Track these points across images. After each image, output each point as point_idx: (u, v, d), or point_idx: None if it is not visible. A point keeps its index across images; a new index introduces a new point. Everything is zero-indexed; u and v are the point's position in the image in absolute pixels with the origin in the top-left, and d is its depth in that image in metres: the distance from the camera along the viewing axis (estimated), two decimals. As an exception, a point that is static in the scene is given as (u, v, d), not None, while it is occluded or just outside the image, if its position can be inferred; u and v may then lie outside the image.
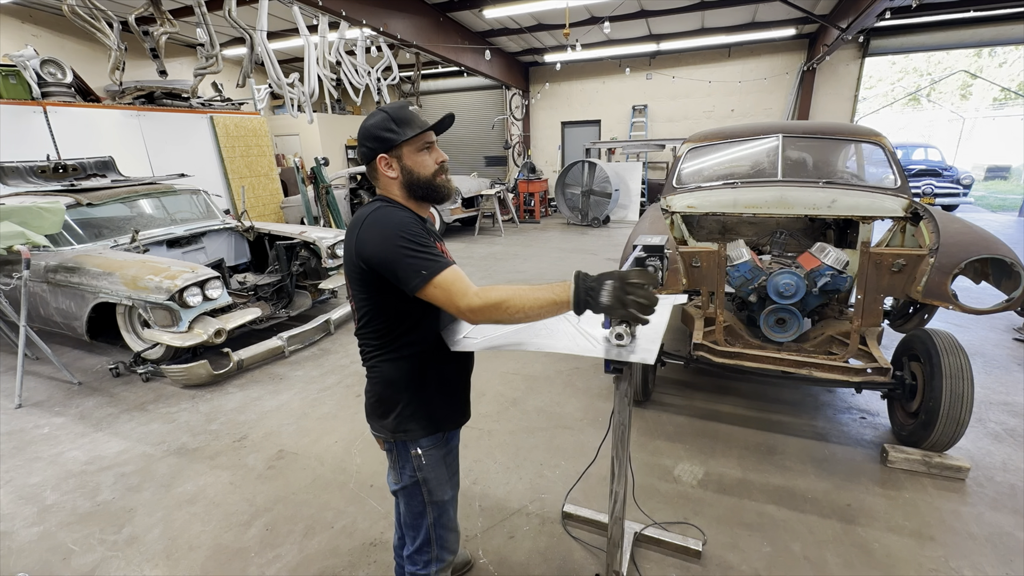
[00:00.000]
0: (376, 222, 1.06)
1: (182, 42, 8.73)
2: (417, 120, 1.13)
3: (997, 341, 3.65)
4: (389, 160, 1.12)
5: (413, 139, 1.11)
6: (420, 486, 1.25)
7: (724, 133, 3.38)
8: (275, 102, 11.44)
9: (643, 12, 7.90)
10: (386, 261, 1.02)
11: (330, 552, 1.93)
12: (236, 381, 3.45)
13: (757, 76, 9.93)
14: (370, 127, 1.12)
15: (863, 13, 5.88)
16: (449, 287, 1.00)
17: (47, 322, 3.73)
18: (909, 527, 1.96)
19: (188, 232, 4.33)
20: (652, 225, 2.72)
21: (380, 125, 1.11)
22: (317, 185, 5.89)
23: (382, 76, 6.63)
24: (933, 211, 2.46)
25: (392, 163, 1.13)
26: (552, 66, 10.55)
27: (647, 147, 9.80)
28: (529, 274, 6.03)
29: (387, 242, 1.02)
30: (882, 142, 2.98)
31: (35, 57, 5.35)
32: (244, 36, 4.33)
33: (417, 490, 1.26)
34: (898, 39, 8.99)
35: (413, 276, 1.00)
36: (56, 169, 4.46)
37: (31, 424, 2.95)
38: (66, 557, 1.95)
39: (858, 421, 2.70)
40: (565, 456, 2.49)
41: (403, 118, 1.11)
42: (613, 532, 1.52)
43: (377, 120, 1.11)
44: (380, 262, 1.03)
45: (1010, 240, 3.77)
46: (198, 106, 6.88)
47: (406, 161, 1.13)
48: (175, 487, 2.35)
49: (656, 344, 1.14)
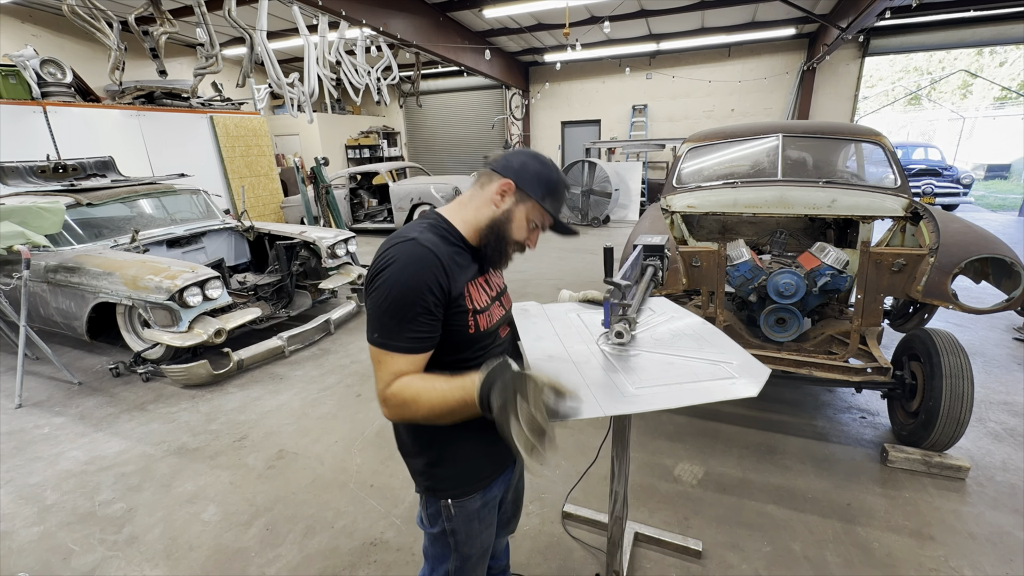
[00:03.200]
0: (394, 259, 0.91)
1: (182, 42, 8.73)
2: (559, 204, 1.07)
3: (997, 341, 3.65)
4: (509, 192, 1.02)
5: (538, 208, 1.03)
6: (447, 536, 1.13)
7: (724, 133, 3.38)
8: (275, 102, 11.43)
9: (643, 12, 7.90)
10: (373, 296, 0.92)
11: (330, 552, 1.94)
12: (236, 381, 3.45)
13: (757, 76, 9.93)
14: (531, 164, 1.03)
15: (863, 13, 5.87)
16: (383, 368, 0.91)
17: (47, 322, 3.73)
18: (909, 527, 1.96)
19: (188, 232, 4.33)
20: (652, 225, 2.72)
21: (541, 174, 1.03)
22: (317, 185, 5.89)
23: (382, 76, 6.62)
24: (933, 211, 2.46)
25: (507, 197, 1.02)
26: (552, 66, 10.55)
27: (647, 147, 9.80)
28: (529, 274, 6.03)
29: (381, 285, 0.91)
30: (882, 141, 2.98)
31: (35, 57, 5.35)
32: (244, 36, 4.33)
33: (444, 539, 1.15)
34: (898, 39, 8.99)
35: (372, 330, 0.93)
36: (56, 169, 4.46)
37: (31, 424, 2.95)
38: (66, 557, 1.95)
39: (858, 421, 2.70)
40: (565, 456, 2.49)
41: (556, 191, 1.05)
42: (613, 532, 1.52)
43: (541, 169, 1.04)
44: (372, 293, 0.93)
45: (1010, 240, 3.77)
46: (198, 106, 6.88)
47: (515, 211, 1.03)
48: (175, 487, 2.35)
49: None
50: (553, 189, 1.04)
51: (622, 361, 1.05)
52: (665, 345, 1.11)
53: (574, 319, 1.31)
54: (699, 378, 0.95)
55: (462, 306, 0.98)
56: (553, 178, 1.04)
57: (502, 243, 1.04)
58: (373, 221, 9.16)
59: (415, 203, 8.30)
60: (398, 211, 8.51)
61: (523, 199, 1.02)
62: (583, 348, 1.13)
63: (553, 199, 1.05)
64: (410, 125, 13.81)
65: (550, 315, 1.33)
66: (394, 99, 11.05)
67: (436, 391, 0.88)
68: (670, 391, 0.91)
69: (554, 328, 1.25)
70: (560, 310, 1.38)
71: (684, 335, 1.17)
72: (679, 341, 1.13)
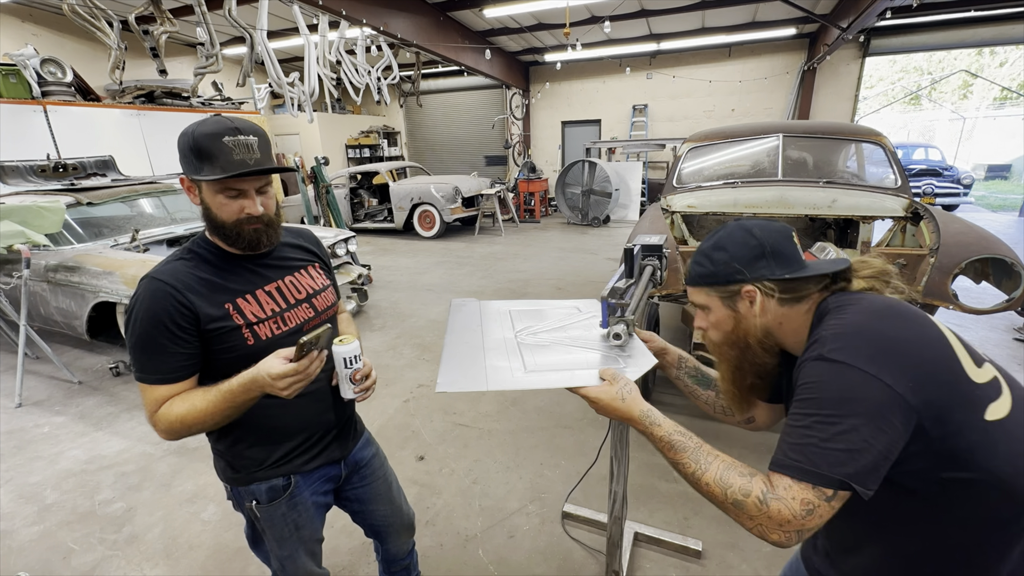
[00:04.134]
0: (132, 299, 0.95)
1: (182, 41, 8.73)
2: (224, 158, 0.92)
3: (997, 341, 3.65)
4: (190, 185, 0.98)
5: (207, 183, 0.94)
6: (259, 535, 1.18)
7: (724, 133, 3.38)
8: (275, 101, 11.42)
9: (643, 12, 7.90)
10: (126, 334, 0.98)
11: (330, 551, 1.93)
12: (236, 380, 3.45)
13: (757, 76, 9.92)
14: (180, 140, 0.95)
15: (864, 13, 5.87)
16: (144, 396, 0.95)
17: (47, 321, 3.73)
18: (909, 527, 1.96)
19: (188, 231, 4.33)
20: (652, 224, 2.72)
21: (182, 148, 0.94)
22: (317, 184, 5.89)
23: (382, 75, 6.62)
24: (933, 211, 2.46)
25: (193, 189, 0.98)
26: (552, 65, 10.54)
27: (647, 147, 9.79)
28: (529, 274, 6.03)
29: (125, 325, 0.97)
30: (882, 142, 2.98)
31: (35, 56, 5.35)
32: (244, 35, 4.33)
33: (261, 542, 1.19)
34: (898, 39, 8.98)
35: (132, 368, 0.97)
36: (56, 168, 4.46)
37: (31, 423, 2.95)
38: (66, 556, 1.95)
39: (858, 421, 2.70)
40: (565, 456, 2.49)
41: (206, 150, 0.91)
42: (613, 532, 1.52)
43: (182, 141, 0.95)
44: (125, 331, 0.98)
45: (1010, 240, 3.74)
46: (198, 105, 6.88)
47: (205, 196, 0.96)
48: (175, 486, 2.35)
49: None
50: (200, 151, 0.91)
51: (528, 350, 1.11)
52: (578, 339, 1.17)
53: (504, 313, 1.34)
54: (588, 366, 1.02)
55: (227, 323, 0.97)
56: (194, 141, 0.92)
57: (223, 229, 0.98)
58: (373, 221, 9.16)
59: (415, 203, 8.30)
60: (398, 211, 8.51)
61: (195, 185, 0.96)
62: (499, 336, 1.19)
63: (211, 160, 0.91)
64: (410, 125, 13.81)
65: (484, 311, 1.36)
66: (394, 99, 11.05)
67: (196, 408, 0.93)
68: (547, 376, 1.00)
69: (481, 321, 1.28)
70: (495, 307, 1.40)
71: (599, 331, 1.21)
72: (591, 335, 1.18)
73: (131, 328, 0.94)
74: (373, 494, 1.31)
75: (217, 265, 1.01)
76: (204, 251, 1.02)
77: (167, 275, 0.95)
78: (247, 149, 0.93)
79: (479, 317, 1.32)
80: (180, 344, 0.94)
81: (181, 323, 0.93)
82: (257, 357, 0.94)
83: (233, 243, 1.00)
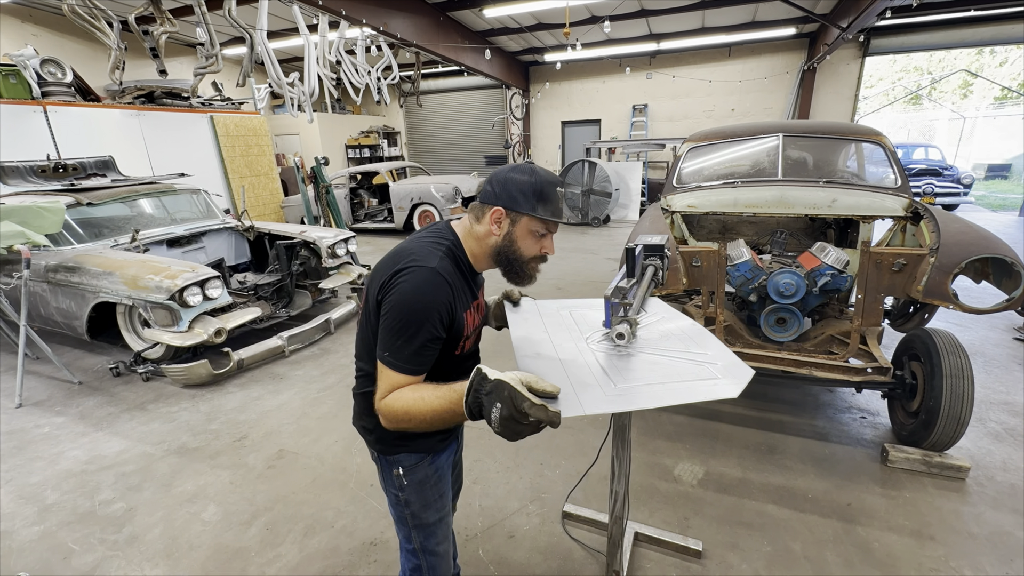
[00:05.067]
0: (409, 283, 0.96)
1: (182, 41, 8.73)
2: (555, 205, 1.06)
3: (997, 341, 3.65)
4: (503, 217, 1.05)
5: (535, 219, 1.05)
6: (403, 507, 1.19)
7: (724, 132, 3.38)
8: (275, 101, 11.43)
9: (643, 11, 7.90)
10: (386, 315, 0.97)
11: (330, 552, 1.94)
12: (236, 381, 3.45)
13: (757, 75, 9.92)
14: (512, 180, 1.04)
15: (863, 12, 5.87)
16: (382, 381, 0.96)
17: (47, 322, 3.73)
18: (909, 527, 1.96)
19: (188, 232, 4.33)
20: (652, 224, 2.72)
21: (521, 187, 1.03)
22: (317, 185, 5.89)
23: (382, 75, 6.62)
24: (933, 210, 2.46)
25: (503, 222, 1.05)
26: (552, 65, 10.54)
27: (647, 147, 9.79)
28: (529, 274, 6.03)
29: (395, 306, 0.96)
30: (882, 141, 2.98)
31: (35, 56, 5.35)
32: (244, 35, 4.33)
33: (401, 510, 1.20)
34: (898, 38, 8.98)
35: (381, 348, 0.97)
36: (56, 169, 4.46)
37: (31, 424, 2.95)
38: (66, 556, 1.95)
39: (858, 421, 2.70)
40: (565, 455, 2.49)
41: (546, 196, 1.04)
42: (613, 532, 1.52)
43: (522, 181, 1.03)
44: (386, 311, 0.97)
45: (1010, 240, 3.75)
46: (198, 105, 6.87)
47: (515, 232, 1.06)
48: (175, 486, 2.35)
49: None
50: (542, 194, 1.04)
51: (609, 360, 1.05)
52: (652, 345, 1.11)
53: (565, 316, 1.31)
54: (683, 378, 0.96)
55: (460, 332, 1.06)
56: (538, 184, 1.04)
57: (517, 264, 1.08)
58: (373, 221, 9.16)
59: (415, 203, 8.29)
60: (398, 211, 8.50)
61: (517, 218, 1.05)
62: (571, 346, 1.13)
63: (545, 204, 1.04)
64: (410, 125, 13.81)
65: (542, 312, 1.33)
66: (394, 99, 11.05)
67: (425, 403, 0.91)
68: (652, 390, 0.92)
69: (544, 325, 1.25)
70: (552, 307, 1.38)
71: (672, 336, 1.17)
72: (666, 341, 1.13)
73: (401, 311, 0.95)
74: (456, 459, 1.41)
75: (463, 274, 1.08)
76: (458, 257, 1.08)
77: (447, 272, 1.00)
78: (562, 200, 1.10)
79: (541, 319, 1.28)
80: (438, 341, 0.99)
81: (445, 322, 0.99)
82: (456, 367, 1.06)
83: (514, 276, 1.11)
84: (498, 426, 0.80)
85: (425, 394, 0.92)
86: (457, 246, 1.08)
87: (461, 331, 1.06)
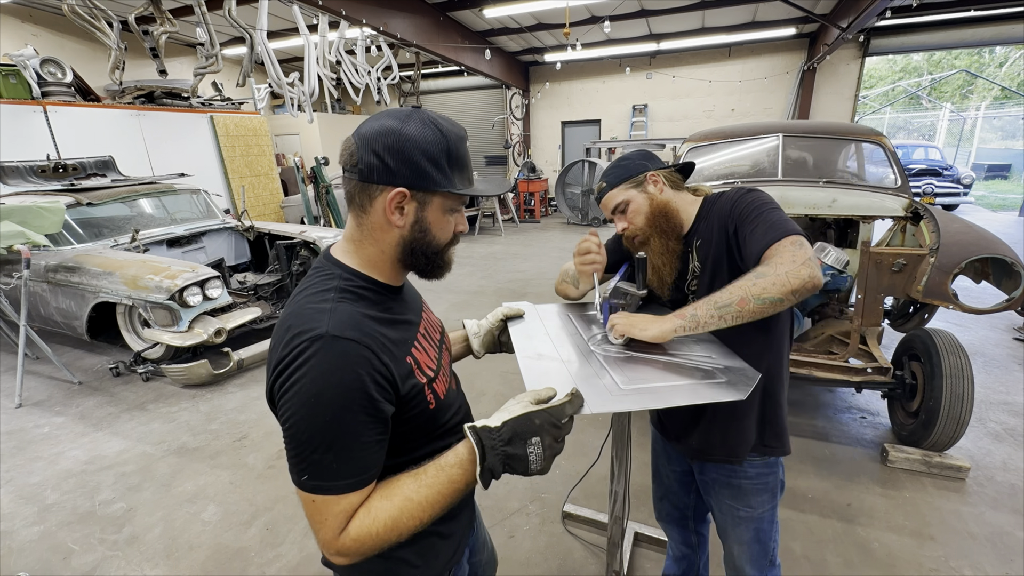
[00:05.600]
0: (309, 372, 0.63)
1: (182, 41, 8.73)
2: (466, 167, 0.76)
3: (997, 341, 3.65)
4: (407, 201, 0.71)
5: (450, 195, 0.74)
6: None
7: (724, 133, 3.38)
8: (275, 101, 11.43)
9: (643, 12, 7.90)
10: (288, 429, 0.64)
11: (330, 552, 1.93)
12: (236, 380, 3.45)
13: (757, 75, 9.92)
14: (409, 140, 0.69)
15: (863, 12, 5.87)
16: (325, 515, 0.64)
17: (47, 322, 3.73)
18: (909, 527, 1.96)
19: (188, 232, 4.33)
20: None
21: (428, 151, 0.70)
22: (317, 185, 5.89)
23: (382, 75, 6.62)
24: (933, 210, 2.46)
25: (407, 206, 0.72)
26: (552, 65, 10.54)
27: (647, 147, 9.80)
28: (530, 274, 6.03)
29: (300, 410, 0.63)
30: (882, 141, 2.98)
31: (35, 56, 5.35)
32: (244, 35, 4.33)
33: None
34: (898, 38, 8.98)
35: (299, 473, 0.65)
36: (56, 169, 4.46)
37: (31, 424, 2.95)
38: (66, 557, 1.95)
39: (858, 421, 2.70)
40: (565, 455, 2.49)
41: (461, 159, 0.74)
42: (613, 532, 1.52)
43: (424, 139, 0.69)
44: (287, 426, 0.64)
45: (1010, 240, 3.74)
46: (198, 105, 6.87)
47: (425, 216, 0.74)
48: (175, 486, 2.35)
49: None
50: (455, 157, 0.73)
51: (611, 361, 1.04)
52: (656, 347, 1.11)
53: (565, 319, 1.31)
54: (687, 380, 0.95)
55: (415, 383, 0.74)
56: (447, 143, 0.71)
57: (432, 254, 0.78)
58: (373, 221, 9.15)
59: (415, 203, 8.28)
60: (398, 211, 8.49)
61: (427, 198, 0.73)
62: (573, 347, 1.12)
63: (461, 170, 0.74)
64: (410, 125, 13.80)
65: (541, 315, 1.33)
66: (394, 99, 11.03)
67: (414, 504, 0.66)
68: (658, 391, 0.91)
69: (545, 327, 1.25)
70: (551, 310, 1.37)
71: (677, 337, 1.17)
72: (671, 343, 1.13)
73: (312, 414, 0.62)
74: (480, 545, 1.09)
75: (381, 304, 0.75)
76: (362, 288, 0.74)
77: (353, 330, 0.66)
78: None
79: (541, 322, 1.26)
80: (379, 428, 0.67)
81: (381, 395, 0.66)
82: (433, 425, 0.78)
83: (428, 272, 0.80)
84: (542, 464, 0.67)
85: (407, 491, 0.67)
86: (349, 275, 0.74)
87: (416, 379, 0.74)
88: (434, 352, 0.84)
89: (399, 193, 0.70)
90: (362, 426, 0.65)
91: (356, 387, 0.64)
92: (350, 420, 0.63)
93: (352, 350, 0.64)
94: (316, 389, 0.62)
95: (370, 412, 0.65)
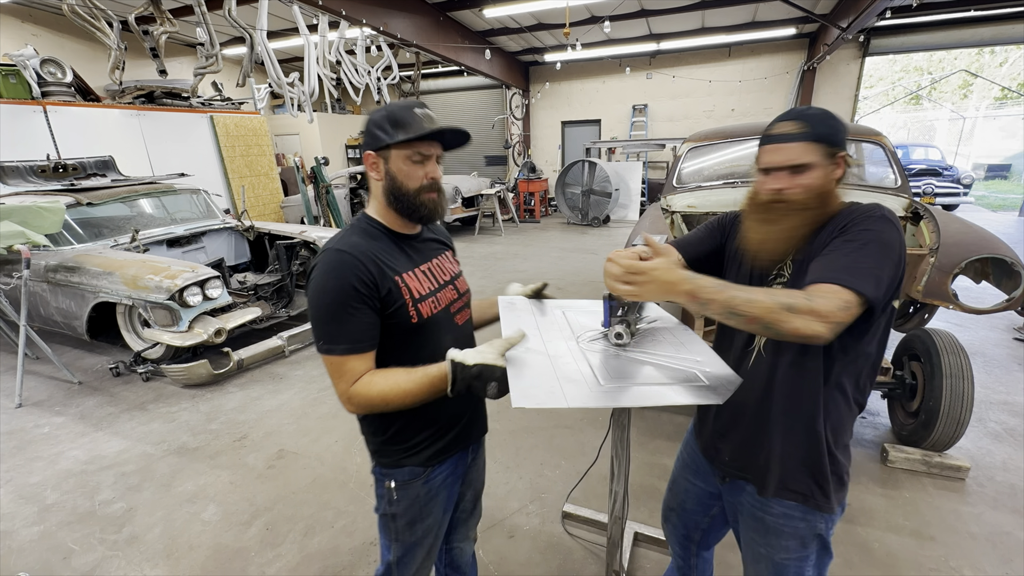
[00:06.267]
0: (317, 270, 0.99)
1: (182, 41, 8.73)
2: (416, 125, 1.00)
3: (997, 341, 3.65)
4: (376, 159, 1.03)
5: (404, 144, 1.00)
6: (389, 519, 1.17)
7: (724, 132, 3.38)
8: (275, 101, 11.43)
9: (643, 12, 7.90)
10: (308, 310, 1.01)
11: (330, 551, 1.94)
12: (236, 380, 3.45)
13: (757, 75, 9.92)
14: (370, 121, 1.03)
15: (863, 12, 5.87)
16: (335, 372, 0.98)
17: (47, 322, 3.73)
18: (909, 527, 1.96)
19: (188, 232, 4.33)
20: (652, 225, 2.72)
21: (377, 122, 1.02)
22: (317, 185, 5.89)
23: (382, 75, 6.62)
24: (933, 211, 2.46)
25: (378, 163, 1.03)
26: (552, 65, 10.54)
27: (647, 147, 9.80)
28: (529, 274, 6.03)
29: (312, 297, 0.98)
30: (882, 141, 2.98)
31: (35, 56, 5.34)
32: (244, 35, 4.33)
33: (386, 523, 1.18)
34: (898, 38, 8.98)
35: (316, 340, 0.99)
36: (56, 169, 4.46)
37: (31, 424, 2.95)
38: (66, 556, 1.95)
39: (858, 421, 2.70)
40: (565, 455, 2.49)
41: (400, 119, 1.00)
42: (613, 532, 1.52)
43: (377, 116, 1.03)
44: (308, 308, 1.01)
45: (1010, 240, 3.73)
46: (198, 105, 6.87)
47: (392, 166, 1.02)
48: (175, 486, 2.35)
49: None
50: (395, 119, 1.00)
51: (598, 359, 1.05)
52: (643, 348, 1.12)
53: (559, 316, 1.32)
54: (670, 381, 0.96)
55: (399, 297, 1.02)
56: (390, 113, 1.01)
57: (406, 199, 1.04)
58: (373, 221, 9.14)
59: (415, 203, 8.27)
60: (398, 211, 8.49)
61: (385, 154, 1.02)
62: (561, 344, 1.13)
63: (404, 127, 0.99)
64: (410, 125, 13.79)
65: (535, 311, 1.34)
66: (394, 99, 11.03)
67: (400, 388, 0.96)
68: (638, 390, 0.92)
69: (537, 323, 1.25)
70: (548, 307, 1.38)
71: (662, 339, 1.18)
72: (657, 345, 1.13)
73: (318, 298, 0.96)
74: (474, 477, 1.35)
75: (383, 242, 1.06)
76: (371, 228, 1.07)
77: (349, 247, 0.99)
78: (431, 120, 1.02)
79: (533, 317, 1.27)
80: (366, 312, 0.98)
81: (364, 291, 0.97)
82: (417, 335, 1.05)
83: (411, 214, 1.06)
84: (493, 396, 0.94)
85: (399, 379, 0.97)
86: (367, 221, 1.08)
87: (400, 295, 1.02)
88: (429, 284, 1.10)
89: (367, 155, 1.04)
90: (353, 308, 0.96)
91: (346, 280, 0.96)
92: (343, 301, 0.96)
93: (346, 259, 0.97)
94: (323, 280, 0.97)
95: (356, 299, 0.96)
